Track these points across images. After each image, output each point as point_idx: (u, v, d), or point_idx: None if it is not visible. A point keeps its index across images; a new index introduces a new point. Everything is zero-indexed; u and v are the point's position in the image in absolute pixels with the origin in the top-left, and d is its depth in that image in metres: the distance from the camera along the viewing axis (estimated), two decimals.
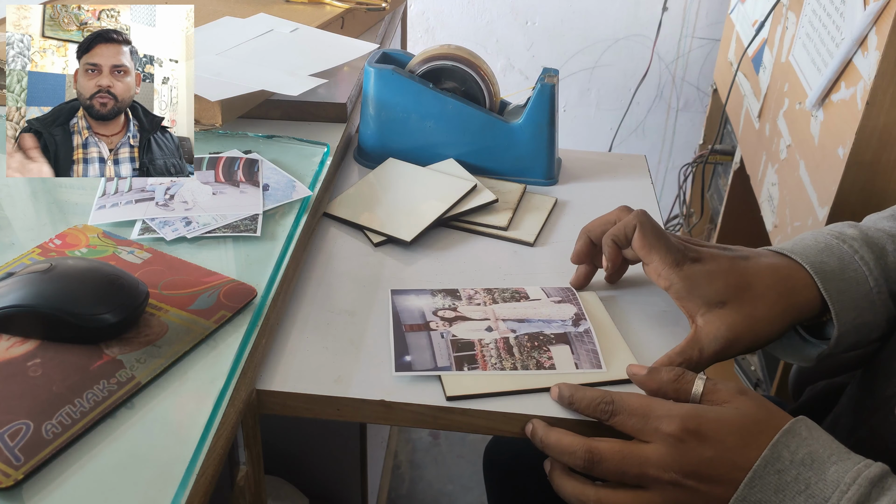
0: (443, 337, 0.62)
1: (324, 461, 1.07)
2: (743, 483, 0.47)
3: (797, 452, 0.47)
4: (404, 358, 0.60)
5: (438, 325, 0.63)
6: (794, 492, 0.46)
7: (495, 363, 0.59)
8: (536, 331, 0.63)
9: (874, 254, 0.59)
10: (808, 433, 0.48)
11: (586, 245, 0.67)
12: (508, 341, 0.62)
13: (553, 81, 0.82)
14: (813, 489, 0.46)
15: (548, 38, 2.03)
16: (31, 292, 0.52)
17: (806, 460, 0.47)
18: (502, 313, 0.65)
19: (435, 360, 0.59)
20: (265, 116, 0.87)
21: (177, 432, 0.48)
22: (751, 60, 1.36)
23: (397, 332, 0.63)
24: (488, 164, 0.85)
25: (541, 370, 0.59)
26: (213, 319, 0.56)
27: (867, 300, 0.57)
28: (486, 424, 0.56)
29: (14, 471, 0.43)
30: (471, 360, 0.59)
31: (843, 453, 0.48)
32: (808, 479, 0.46)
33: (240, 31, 0.96)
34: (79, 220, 0.67)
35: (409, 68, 0.85)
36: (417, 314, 0.65)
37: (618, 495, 0.51)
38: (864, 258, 0.58)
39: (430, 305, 0.66)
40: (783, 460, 0.47)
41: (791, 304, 0.58)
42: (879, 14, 0.86)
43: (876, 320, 0.58)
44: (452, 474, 1.51)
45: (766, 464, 0.47)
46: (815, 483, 0.46)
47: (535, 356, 0.60)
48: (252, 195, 0.71)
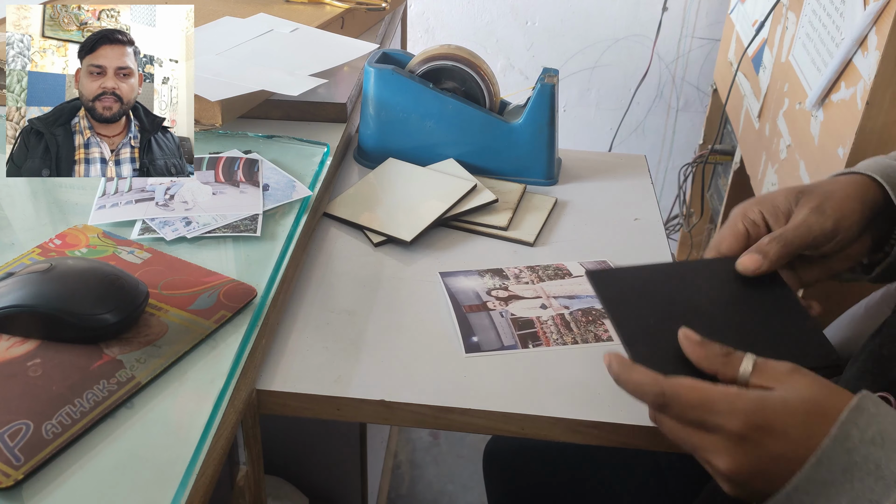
0: (502, 316, 0.65)
1: (324, 461, 1.07)
2: (809, 462, 0.45)
3: (867, 431, 0.45)
4: (472, 339, 0.62)
5: (496, 305, 0.66)
6: (863, 472, 0.44)
7: (557, 339, 0.62)
8: (587, 306, 0.66)
9: None
10: (875, 409, 0.46)
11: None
12: (564, 317, 0.65)
13: (553, 81, 0.82)
14: (884, 470, 0.44)
15: (548, 38, 2.03)
16: (31, 292, 0.52)
17: (876, 439, 0.45)
18: (552, 290, 0.68)
19: (500, 339, 0.62)
20: (265, 116, 0.87)
21: (177, 432, 0.48)
22: (751, 60, 1.36)
23: (459, 313, 0.64)
24: (488, 164, 0.85)
25: (600, 342, 0.62)
26: (213, 319, 0.56)
27: None
28: (486, 424, 0.56)
29: (14, 471, 0.43)
30: (534, 338, 0.62)
31: None
32: (878, 459, 0.44)
33: (240, 31, 0.96)
34: (79, 220, 0.67)
35: (409, 68, 0.85)
36: (473, 295, 0.67)
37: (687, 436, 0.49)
38: None
39: (482, 286, 0.68)
40: (852, 439, 0.45)
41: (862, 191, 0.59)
42: (879, 14, 0.86)
43: None
44: (452, 474, 1.51)
45: (834, 443, 0.45)
46: (885, 464, 0.44)
47: (593, 330, 0.63)
48: (252, 195, 0.71)
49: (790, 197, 0.60)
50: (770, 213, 0.61)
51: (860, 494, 0.44)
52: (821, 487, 0.45)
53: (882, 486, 0.43)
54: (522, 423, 0.56)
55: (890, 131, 0.88)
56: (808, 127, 1.04)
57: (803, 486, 0.45)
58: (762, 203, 0.61)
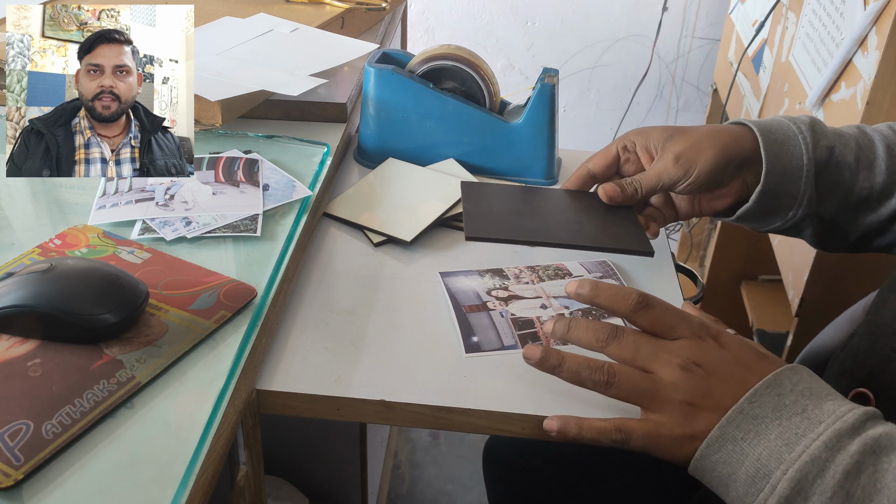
0: (502, 316, 0.65)
1: (324, 461, 1.07)
2: (744, 397, 0.49)
3: (798, 385, 0.50)
4: (472, 339, 0.62)
5: (496, 305, 0.66)
6: (791, 412, 0.48)
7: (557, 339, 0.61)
8: (587, 307, 0.66)
9: (816, 138, 0.66)
10: (808, 375, 0.51)
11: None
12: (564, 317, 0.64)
13: (553, 81, 0.82)
14: (809, 413, 0.48)
15: (548, 38, 2.03)
16: (31, 292, 0.52)
17: (805, 391, 0.49)
18: (552, 291, 0.68)
19: (500, 339, 0.62)
20: (265, 116, 0.87)
21: (177, 432, 0.48)
22: (751, 60, 1.36)
23: (459, 313, 0.64)
24: (488, 164, 0.85)
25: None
26: (213, 319, 0.56)
27: (796, 172, 0.65)
28: (486, 424, 0.56)
29: (14, 471, 0.43)
30: (534, 338, 0.62)
31: (840, 397, 0.50)
32: (805, 405, 0.48)
33: (240, 31, 0.96)
34: (79, 220, 0.67)
35: (409, 68, 0.85)
36: (473, 295, 0.67)
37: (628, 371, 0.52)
38: (806, 139, 0.66)
39: (482, 286, 0.68)
40: (783, 386, 0.49)
41: (729, 137, 0.66)
42: (879, 14, 0.86)
43: (796, 194, 0.66)
44: (452, 474, 1.51)
45: (767, 385, 0.49)
46: (811, 409, 0.48)
47: None
48: (252, 195, 0.71)
49: (664, 135, 0.68)
50: (642, 145, 0.69)
51: (787, 429, 0.48)
52: (752, 421, 0.49)
53: (807, 423, 0.47)
54: (522, 423, 0.56)
55: None
56: None
57: (736, 419, 0.49)
58: (640, 134, 0.69)
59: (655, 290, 0.69)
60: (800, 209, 0.67)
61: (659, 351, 0.52)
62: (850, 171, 0.66)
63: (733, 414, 0.49)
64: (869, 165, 0.67)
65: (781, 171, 0.65)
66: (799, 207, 0.67)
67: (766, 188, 0.66)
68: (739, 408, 0.49)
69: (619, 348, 0.52)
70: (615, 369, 0.52)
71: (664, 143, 0.67)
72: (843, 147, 0.67)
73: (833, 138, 0.67)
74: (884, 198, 0.67)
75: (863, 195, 0.67)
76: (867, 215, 0.68)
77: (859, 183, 0.67)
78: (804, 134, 0.66)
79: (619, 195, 0.68)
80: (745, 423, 0.48)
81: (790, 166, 0.65)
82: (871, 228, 0.68)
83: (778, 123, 0.68)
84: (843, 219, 0.69)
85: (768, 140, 0.66)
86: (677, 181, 0.66)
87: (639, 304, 0.53)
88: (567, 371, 0.53)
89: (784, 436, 0.47)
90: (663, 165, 0.66)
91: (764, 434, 0.48)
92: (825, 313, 1.00)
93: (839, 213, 0.68)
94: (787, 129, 0.67)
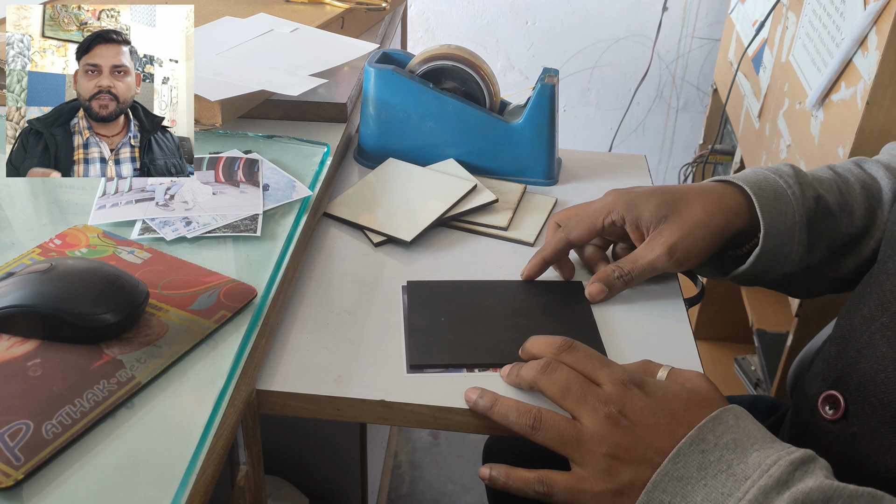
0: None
1: (324, 461, 1.07)
2: (667, 458, 0.48)
3: (722, 437, 0.49)
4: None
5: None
6: (716, 470, 0.47)
7: None
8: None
9: (803, 189, 0.65)
10: (735, 422, 0.50)
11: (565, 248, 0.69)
12: None
13: (553, 81, 0.82)
14: (735, 469, 0.47)
15: (548, 38, 2.03)
16: (31, 292, 0.52)
17: (730, 445, 0.48)
18: None
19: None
20: (265, 116, 0.87)
21: (177, 432, 0.48)
22: (751, 60, 1.36)
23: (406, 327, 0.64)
24: (488, 164, 0.85)
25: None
26: (213, 319, 0.56)
27: (790, 232, 0.63)
28: (485, 424, 0.56)
29: (14, 471, 0.43)
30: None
31: (768, 442, 0.49)
32: (730, 460, 0.47)
33: (240, 31, 0.96)
34: (79, 220, 0.67)
35: (409, 68, 0.85)
36: None
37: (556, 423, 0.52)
38: (795, 193, 0.64)
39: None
40: (707, 441, 0.48)
41: (723, 217, 0.64)
42: (879, 14, 0.86)
43: (791, 254, 0.64)
44: (452, 474, 1.51)
45: (691, 443, 0.48)
46: (737, 464, 0.47)
47: None
48: (252, 195, 0.71)
49: (657, 214, 0.65)
50: (632, 223, 0.66)
51: (713, 489, 0.47)
52: (677, 483, 0.48)
53: (733, 481, 0.46)
54: None
55: (890, 131, 0.88)
56: (809, 127, 1.04)
57: (661, 483, 0.48)
58: (629, 209, 0.66)
59: (656, 291, 0.69)
60: (793, 266, 0.65)
61: (588, 395, 0.51)
62: (834, 219, 0.65)
63: (658, 477, 0.48)
64: (849, 210, 0.66)
65: (777, 233, 0.63)
66: (793, 264, 0.65)
67: (763, 250, 0.64)
68: (664, 470, 0.48)
69: (552, 382, 0.53)
70: (542, 415, 0.52)
71: (657, 225, 0.65)
72: (827, 194, 0.66)
73: (817, 186, 0.66)
74: (863, 239, 0.67)
75: (846, 241, 0.66)
76: (850, 259, 0.67)
77: (842, 230, 0.66)
78: (793, 188, 0.64)
79: (609, 294, 0.66)
80: (671, 485, 0.47)
81: (785, 224, 0.63)
82: (853, 271, 0.68)
83: (764, 178, 0.65)
84: (828, 267, 0.68)
85: (762, 199, 0.63)
86: (669, 270, 0.66)
87: (562, 347, 0.55)
88: (497, 414, 0.54)
89: (711, 497, 0.46)
90: (656, 257, 0.64)
91: (690, 496, 0.47)
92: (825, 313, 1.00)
93: (824, 262, 0.67)
94: (775, 183, 0.65)
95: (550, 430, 0.51)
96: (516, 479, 0.53)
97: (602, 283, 0.65)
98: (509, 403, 0.53)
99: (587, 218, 0.67)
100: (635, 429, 0.50)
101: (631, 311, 0.66)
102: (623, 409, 0.50)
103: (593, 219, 0.67)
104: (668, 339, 0.63)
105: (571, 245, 0.68)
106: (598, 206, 0.67)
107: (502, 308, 0.65)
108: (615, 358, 0.60)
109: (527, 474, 0.52)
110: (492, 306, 0.66)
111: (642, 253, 0.65)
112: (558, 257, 0.68)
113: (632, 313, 0.66)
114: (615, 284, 0.65)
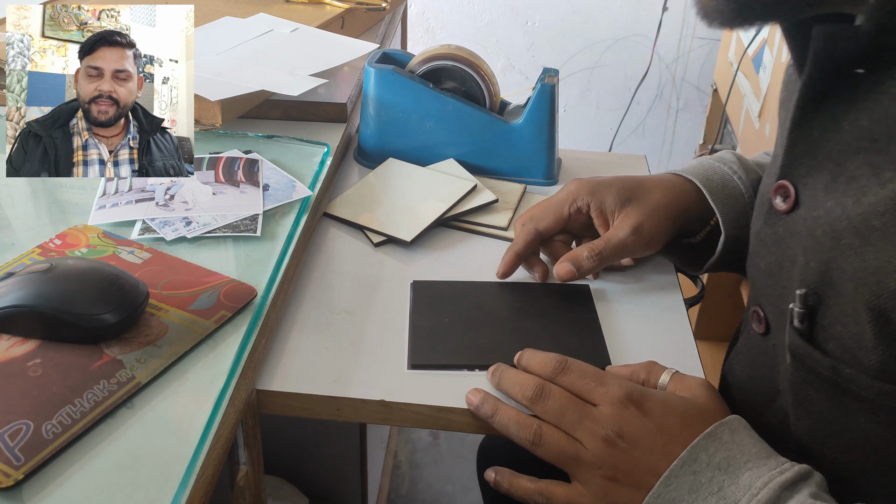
0: None
1: (324, 461, 1.07)
2: (659, 481, 0.48)
3: (714, 456, 0.48)
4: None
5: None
6: (707, 493, 0.47)
7: None
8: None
9: (748, 173, 0.68)
10: (730, 437, 0.50)
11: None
12: None
13: (553, 81, 0.82)
14: (725, 491, 0.47)
15: (548, 38, 2.03)
16: (32, 292, 0.52)
17: (722, 464, 0.48)
18: None
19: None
20: (265, 116, 0.87)
21: (177, 432, 0.48)
22: (751, 60, 1.36)
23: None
24: (488, 164, 0.85)
25: None
26: (213, 319, 0.56)
27: (745, 213, 0.65)
28: (485, 425, 0.56)
29: (14, 471, 0.43)
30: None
31: (762, 458, 0.48)
32: (721, 481, 0.47)
33: (240, 31, 0.96)
34: (79, 220, 0.67)
35: (409, 68, 0.85)
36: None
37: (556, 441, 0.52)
38: (741, 178, 0.68)
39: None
40: (700, 462, 0.48)
41: (682, 202, 0.67)
42: None
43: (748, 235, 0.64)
44: (452, 474, 1.51)
45: (682, 464, 0.48)
46: (727, 485, 0.47)
47: None
48: (252, 195, 0.71)
49: (620, 198, 0.67)
50: (596, 209, 0.68)
51: None
52: None
53: None
54: None
55: None
56: None
57: None
58: (594, 194, 0.68)
59: (656, 291, 0.69)
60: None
61: (584, 419, 0.51)
62: None
63: (650, 500, 0.48)
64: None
65: (734, 217, 0.66)
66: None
67: (728, 235, 0.66)
68: (656, 493, 0.48)
69: (545, 411, 0.53)
70: (542, 431, 0.52)
71: (621, 208, 0.67)
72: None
73: (758, 170, 0.69)
74: None
75: None
76: None
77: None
78: (738, 173, 0.68)
79: (577, 274, 0.66)
80: None
81: (738, 207, 0.66)
82: None
83: (711, 168, 0.69)
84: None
85: (711, 189, 0.67)
86: (636, 252, 0.68)
87: (556, 370, 0.54)
88: (498, 423, 0.54)
89: None
90: (624, 237, 0.66)
91: None
92: None
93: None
94: (721, 171, 0.68)
95: (551, 448, 0.51)
96: (518, 488, 0.54)
97: (570, 263, 0.66)
98: (510, 415, 0.53)
99: (553, 207, 0.69)
100: (633, 451, 0.50)
101: (631, 311, 0.66)
102: (620, 430, 0.50)
103: (559, 207, 0.68)
104: (669, 339, 0.64)
105: (541, 235, 0.69)
106: (563, 195, 0.69)
107: (508, 310, 0.66)
108: (616, 359, 0.61)
109: (528, 485, 0.53)
110: (497, 308, 0.66)
111: (612, 233, 0.67)
112: (530, 250, 0.69)
113: (632, 313, 0.66)
114: (584, 264, 0.66)
